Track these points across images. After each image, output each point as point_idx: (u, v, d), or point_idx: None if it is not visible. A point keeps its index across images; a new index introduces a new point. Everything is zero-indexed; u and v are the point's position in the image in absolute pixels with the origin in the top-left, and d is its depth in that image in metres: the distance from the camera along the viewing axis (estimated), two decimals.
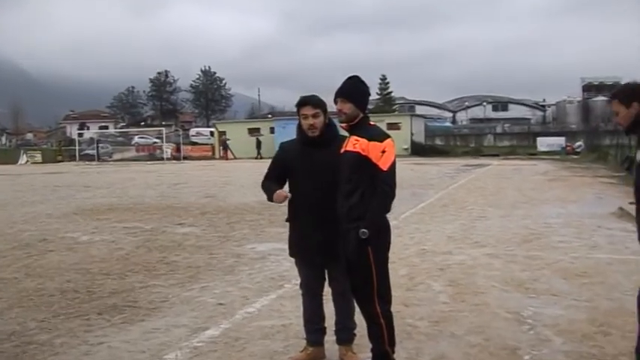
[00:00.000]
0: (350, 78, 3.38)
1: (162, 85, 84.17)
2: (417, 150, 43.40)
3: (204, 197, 14.82)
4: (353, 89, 3.33)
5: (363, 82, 3.38)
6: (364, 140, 3.21)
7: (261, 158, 42.99)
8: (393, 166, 3.20)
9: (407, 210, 11.33)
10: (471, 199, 13.11)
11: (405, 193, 14.28)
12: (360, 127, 3.30)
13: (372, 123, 3.37)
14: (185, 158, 46.16)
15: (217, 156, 46.44)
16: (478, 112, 75.40)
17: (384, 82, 68.11)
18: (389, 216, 3.30)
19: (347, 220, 3.26)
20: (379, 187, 3.16)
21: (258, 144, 44.89)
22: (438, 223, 9.65)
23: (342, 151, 3.35)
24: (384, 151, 3.17)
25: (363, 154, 3.20)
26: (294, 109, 3.57)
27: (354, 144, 3.25)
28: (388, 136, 3.27)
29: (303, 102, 3.48)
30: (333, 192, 3.33)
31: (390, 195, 3.19)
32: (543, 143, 44.33)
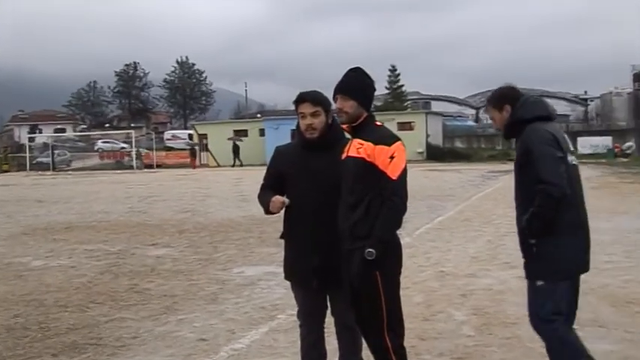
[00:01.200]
0: (352, 70, 3.41)
1: (130, 79, 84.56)
2: (434, 154, 43.67)
3: (181, 212, 14.89)
4: (355, 84, 3.36)
5: (367, 76, 3.41)
6: (369, 144, 3.24)
7: (241, 165, 43.30)
8: (403, 173, 3.22)
9: (422, 225, 11.36)
10: (499, 212, 13.14)
11: (419, 205, 14.28)
12: (365, 129, 3.33)
13: (378, 123, 3.40)
14: (159, 166, 46.30)
15: (197, 163, 46.56)
16: None
17: (393, 73, 68.39)
18: (400, 233, 3.34)
19: (350, 238, 3.28)
20: (387, 198, 3.19)
21: (236, 149, 45.06)
22: (460, 241, 9.68)
23: (344, 156, 3.38)
24: (392, 157, 3.20)
25: (368, 160, 3.23)
26: (287, 107, 3.64)
27: (358, 148, 3.27)
28: (398, 139, 3.30)
29: (301, 99, 3.53)
30: (336, 205, 3.38)
31: (401, 208, 3.22)
32: (585, 144, 44.45)
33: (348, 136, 3.51)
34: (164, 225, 12.51)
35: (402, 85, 68.54)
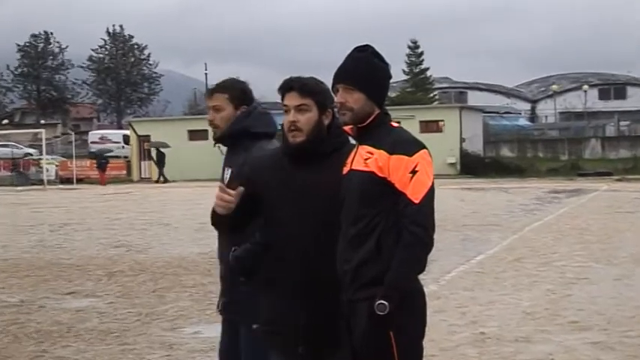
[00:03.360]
0: (358, 50, 3.44)
1: (39, 56, 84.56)
2: (471, 166, 43.93)
3: (112, 247, 14.83)
4: (363, 69, 3.38)
5: (379, 57, 3.44)
6: (382, 152, 3.27)
7: (165, 181, 43.75)
8: (429, 195, 3.25)
9: (455, 267, 11.36)
10: (563, 249, 13.16)
11: (451, 239, 14.25)
12: (376, 131, 3.37)
13: (394, 124, 3.44)
14: (80, 181, 46.13)
15: (135, 177, 46.53)
16: (574, 101, 76.06)
17: (414, 52, 68.70)
18: (424, 278, 3.36)
19: (353, 285, 3.30)
20: (407, 230, 3.21)
21: (159, 158, 45.34)
22: (508, 290, 9.67)
23: (346, 170, 3.40)
24: (414, 171, 3.23)
25: (381, 175, 3.26)
26: (267, 97, 3.73)
27: (366, 159, 3.31)
28: (422, 146, 3.33)
29: (287, 86, 3.59)
30: (332, 238, 3.41)
31: (425, 242, 3.24)
32: None
33: (352, 141, 3.53)
34: (87, 265, 12.44)
35: (427, 69, 68.94)
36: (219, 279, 4.29)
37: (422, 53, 68.56)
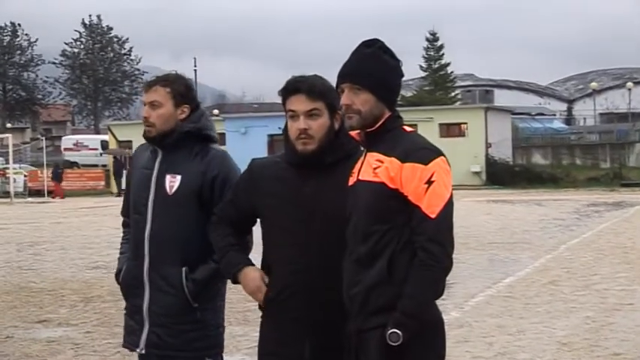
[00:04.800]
0: (366, 45, 3.46)
1: (5, 52, 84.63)
2: (499, 175, 43.93)
3: (89, 269, 14.82)
4: (372, 67, 3.39)
5: (390, 53, 3.46)
6: (394, 160, 3.29)
7: (119, 194, 43.30)
8: (447, 208, 3.27)
9: (480, 291, 11.32)
10: (604, 270, 13.12)
11: (475, 259, 14.17)
12: (386, 137, 3.39)
13: (408, 128, 3.46)
14: (52, 193, 46.14)
15: (115, 188, 46.52)
16: (617, 99, 75.98)
17: (433, 45, 68.60)
18: (443, 303, 3.37)
19: (363, 312, 3.31)
20: (422, 248, 3.22)
21: (117, 168, 45.16)
22: (541, 317, 9.63)
23: (353, 181, 3.43)
24: (430, 181, 3.24)
25: (392, 186, 3.27)
26: (262, 99, 3.89)
27: (376, 168, 3.32)
28: (439, 153, 3.35)
29: (293, 88, 3.61)
30: (341, 257, 3.43)
31: (443, 262, 3.25)
32: None
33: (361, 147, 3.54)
34: (60, 289, 12.42)
35: (447, 65, 68.85)
36: None
37: (442, 46, 68.54)
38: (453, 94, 67.25)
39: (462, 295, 10.65)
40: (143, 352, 4.23)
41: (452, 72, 69.11)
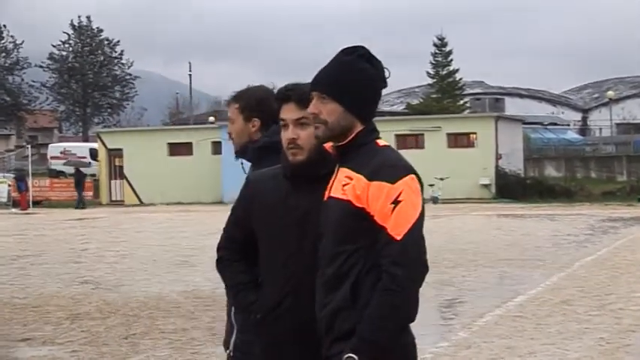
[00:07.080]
0: (345, 53, 3.43)
1: None
2: (509, 188, 43.95)
3: (76, 284, 14.91)
4: (341, 75, 3.40)
5: (369, 61, 3.40)
6: (361, 178, 3.30)
7: (84, 207, 43.94)
8: (414, 230, 3.26)
9: (488, 310, 11.29)
10: (621, 290, 13.15)
11: (484, 277, 14.28)
12: (357, 152, 3.37)
13: (381, 142, 3.46)
14: (38, 203, 46.33)
15: (105, 199, 46.67)
16: (634, 109, 76.41)
17: (441, 50, 68.97)
18: (450, 323, 3.20)
19: (328, 337, 3.33)
20: (386, 272, 3.23)
21: (78, 179, 45.24)
22: (554, 338, 9.62)
23: (326, 197, 3.45)
24: (397, 201, 3.25)
25: (358, 205, 3.29)
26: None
27: (344, 185, 3.35)
28: (410, 171, 3.35)
29: (283, 96, 3.70)
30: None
31: (406, 288, 3.23)
32: None
33: None
34: (46, 306, 12.48)
35: (456, 71, 69.23)
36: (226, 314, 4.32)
37: (450, 52, 69.00)
38: (461, 102, 67.96)
39: (470, 314, 10.68)
40: None
41: (461, 79, 69.68)
